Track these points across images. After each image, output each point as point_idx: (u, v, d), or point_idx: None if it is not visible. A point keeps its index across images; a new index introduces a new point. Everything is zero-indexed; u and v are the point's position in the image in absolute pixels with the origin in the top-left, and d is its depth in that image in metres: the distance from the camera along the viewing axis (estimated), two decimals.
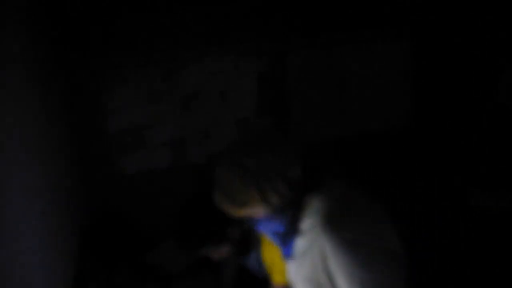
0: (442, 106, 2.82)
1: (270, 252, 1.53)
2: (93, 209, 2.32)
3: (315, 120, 2.68)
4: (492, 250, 2.15)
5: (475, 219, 2.32)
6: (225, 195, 1.12)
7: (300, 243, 1.18)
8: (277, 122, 2.61)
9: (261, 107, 2.55)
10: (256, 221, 1.18)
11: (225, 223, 1.51)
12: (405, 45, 2.71)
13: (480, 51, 2.72)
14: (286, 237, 1.19)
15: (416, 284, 1.12)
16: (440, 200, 2.52)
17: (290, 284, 1.33)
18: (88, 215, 2.26)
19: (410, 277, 1.11)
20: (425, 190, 2.59)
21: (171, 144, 2.47)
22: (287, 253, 1.23)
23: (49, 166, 1.61)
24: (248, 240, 1.60)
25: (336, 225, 1.07)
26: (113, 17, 2.20)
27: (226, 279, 1.94)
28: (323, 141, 2.70)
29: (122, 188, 2.43)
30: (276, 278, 1.52)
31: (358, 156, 2.74)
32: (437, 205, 2.48)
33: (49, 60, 2.01)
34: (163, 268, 2.19)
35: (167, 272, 2.16)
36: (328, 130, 2.72)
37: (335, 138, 2.73)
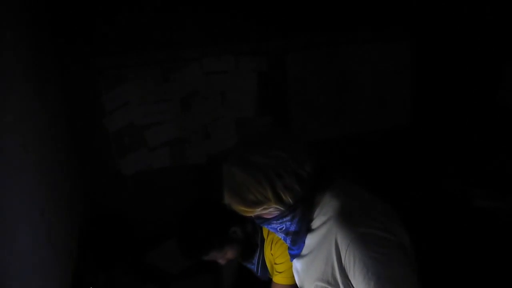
0: (442, 106, 2.82)
1: (274, 251, 1.52)
2: (93, 209, 2.32)
3: (315, 120, 2.68)
4: (493, 250, 2.15)
5: (476, 219, 2.32)
6: (236, 194, 1.10)
7: (310, 241, 1.17)
8: (277, 122, 2.61)
9: (261, 107, 2.55)
10: (267, 221, 1.16)
11: (227, 225, 1.51)
12: (405, 45, 2.71)
13: (480, 51, 2.72)
14: (298, 236, 1.18)
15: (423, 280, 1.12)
16: (441, 200, 2.52)
17: (295, 283, 1.32)
18: (87, 215, 2.26)
19: (421, 273, 1.10)
20: (425, 190, 2.59)
21: (171, 144, 2.47)
22: (297, 252, 1.22)
23: (49, 166, 1.61)
24: (251, 244, 1.60)
25: (351, 220, 1.07)
26: (113, 17, 2.20)
27: (226, 279, 1.94)
28: (323, 141, 2.70)
29: (122, 188, 2.43)
30: (279, 278, 1.52)
31: (358, 156, 2.74)
32: (438, 205, 2.48)
33: (49, 59, 2.01)
34: (163, 268, 2.19)
35: (167, 272, 2.16)
36: (328, 130, 2.72)
37: (335, 137, 2.73)
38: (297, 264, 1.26)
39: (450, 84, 2.79)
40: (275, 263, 1.53)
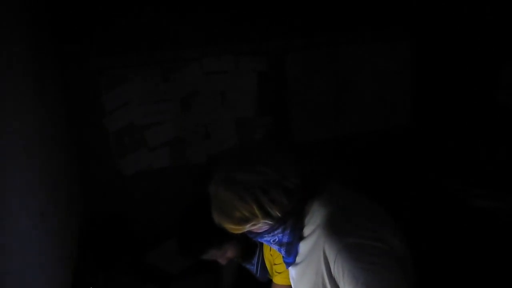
0: (443, 106, 2.82)
1: (273, 251, 1.52)
2: (93, 209, 2.32)
3: (315, 120, 2.68)
4: (493, 250, 2.15)
5: (476, 219, 2.31)
6: (223, 213, 1.10)
7: (302, 249, 1.17)
8: (277, 122, 2.61)
9: (261, 107, 2.55)
10: (259, 235, 1.16)
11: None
12: (405, 45, 2.71)
13: (480, 51, 2.72)
14: (291, 246, 1.18)
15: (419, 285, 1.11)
16: (441, 200, 2.52)
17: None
18: (87, 216, 2.26)
19: (418, 278, 1.10)
20: (425, 190, 2.59)
21: (171, 144, 2.47)
22: (291, 261, 1.22)
23: (49, 166, 1.61)
24: (251, 244, 1.60)
25: (337, 230, 1.06)
26: (113, 17, 2.20)
27: (226, 279, 1.94)
28: (323, 141, 2.70)
29: (122, 188, 2.43)
30: (279, 279, 1.52)
31: (358, 156, 2.74)
32: (438, 205, 2.48)
33: (49, 59, 2.01)
34: (163, 268, 2.19)
35: (167, 272, 2.16)
36: (328, 130, 2.72)
37: (335, 137, 2.73)
38: (292, 271, 1.27)
39: (450, 84, 2.79)
40: (275, 264, 1.53)
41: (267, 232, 1.14)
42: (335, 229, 1.07)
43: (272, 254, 1.53)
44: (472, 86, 2.78)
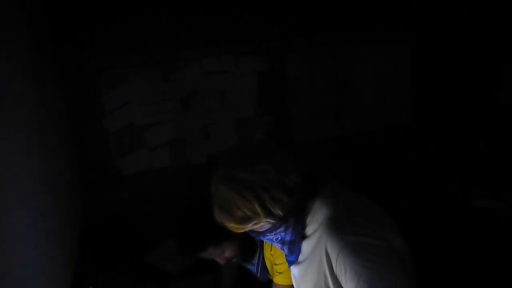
0: (443, 106, 2.82)
1: (274, 251, 1.52)
2: (93, 209, 2.32)
3: (315, 120, 2.68)
4: (493, 250, 2.15)
5: (476, 219, 2.31)
6: (225, 212, 1.10)
7: (304, 248, 1.18)
8: (277, 122, 2.61)
9: (261, 107, 2.55)
10: (261, 234, 1.16)
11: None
12: (405, 45, 2.71)
13: (480, 51, 2.72)
14: (294, 245, 1.18)
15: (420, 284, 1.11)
16: (441, 200, 2.52)
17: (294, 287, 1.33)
18: (87, 216, 2.26)
19: (418, 278, 1.10)
20: (425, 190, 2.59)
21: (171, 144, 2.47)
22: (294, 259, 1.22)
23: (48, 166, 1.61)
24: (251, 244, 1.60)
25: (339, 228, 1.07)
26: (113, 17, 2.20)
27: (226, 279, 1.94)
28: (323, 141, 2.70)
29: (122, 188, 2.43)
30: (279, 279, 1.52)
31: (358, 156, 2.74)
32: (438, 205, 2.48)
33: (49, 59, 2.01)
34: (163, 268, 2.19)
35: (167, 272, 2.16)
36: (328, 130, 2.72)
37: (335, 138, 2.73)
38: (294, 270, 1.27)
39: (450, 84, 2.79)
40: (275, 264, 1.53)
41: (269, 231, 1.14)
42: (337, 228, 1.07)
43: (273, 254, 1.52)
44: (472, 86, 2.78)
